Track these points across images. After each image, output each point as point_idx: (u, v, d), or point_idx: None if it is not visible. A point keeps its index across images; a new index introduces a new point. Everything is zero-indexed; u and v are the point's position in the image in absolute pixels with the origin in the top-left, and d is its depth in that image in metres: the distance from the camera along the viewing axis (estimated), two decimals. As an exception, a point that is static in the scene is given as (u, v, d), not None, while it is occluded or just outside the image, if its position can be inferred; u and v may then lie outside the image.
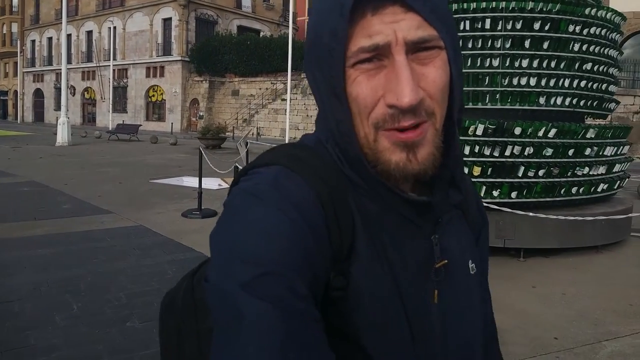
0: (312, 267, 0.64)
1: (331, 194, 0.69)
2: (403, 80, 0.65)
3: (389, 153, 0.69)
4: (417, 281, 0.74)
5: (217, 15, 45.67)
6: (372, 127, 0.69)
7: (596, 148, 6.38)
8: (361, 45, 0.66)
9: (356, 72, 0.67)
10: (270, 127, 36.71)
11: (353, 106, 0.69)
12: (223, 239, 0.67)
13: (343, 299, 0.68)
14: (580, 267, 6.02)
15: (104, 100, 49.67)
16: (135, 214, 8.71)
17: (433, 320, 0.75)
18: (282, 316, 0.59)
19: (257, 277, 0.61)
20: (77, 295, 4.93)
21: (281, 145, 0.78)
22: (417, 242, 0.75)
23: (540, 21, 6.42)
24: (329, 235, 0.67)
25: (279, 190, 0.67)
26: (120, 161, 17.84)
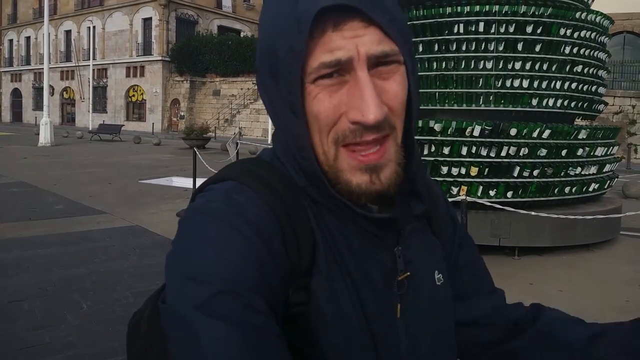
0: (268, 282, 0.63)
1: (287, 208, 0.68)
2: (367, 96, 0.64)
3: (349, 174, 0.68)
4: (380, 295, 0.72)
5: (198, 15, 45.46)
6: (332, 143, 0.67)
7: (588, 148, 6.59)
8: (322, 61, 0.64)
9: (317, 88, 0.66)
10: (252, 127, 36.67)
11: (313, 123, 0.67)
12: (176, 259, 0.66)
13: (304, 315, 0.67)
14: (574, 265, 6.22)
15: (83, 100, 49.07)
16: (129, 214, 8.71)
17: (398, 336, 0.73)
18: (239, 335, 0.58)
19: (211, 296, 0.60)
20: (85, 294, 4.96)
21: (238, 160, 0.77)
22: (380, 255, 0.73)
23: (532, 25, 6.61)
24: (285, 249, 0.66)
25: (231, 206, 0.66)
26: (105, 161, 17.71)
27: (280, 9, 0.67)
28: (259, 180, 0.70)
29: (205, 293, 0.60)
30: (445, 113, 6.77)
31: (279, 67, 0.67)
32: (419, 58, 6.99)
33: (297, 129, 0.68)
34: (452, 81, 6.74)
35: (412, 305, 0.75)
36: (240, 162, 0.76)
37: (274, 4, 0.69)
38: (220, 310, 0.59)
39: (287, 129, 0.70)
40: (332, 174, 0.69)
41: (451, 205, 0.94)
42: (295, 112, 0.67)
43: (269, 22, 0.69)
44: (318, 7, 0.62)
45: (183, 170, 15.15)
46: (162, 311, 0.64)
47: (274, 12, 0.68)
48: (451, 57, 6.74)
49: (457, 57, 6.70)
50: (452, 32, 6.73)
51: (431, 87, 6.87)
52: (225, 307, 0.59)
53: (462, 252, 0.90)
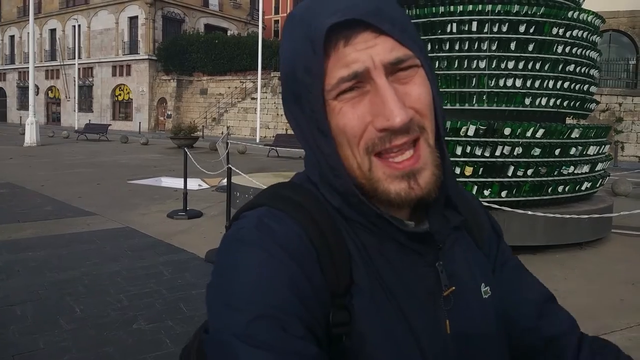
0: (305, 304, 0.63)
1: (321, 229, 0.68)
2: (390, 101, 0.64)
3: (386, 183, 0.68)
4: (426, 311, 0.71)
5: (184, 14, 45.21)
6: (364, 154, 0.68)
7: (580, 147, 6.61)
8: (340, 76, 0.66)
9: (340, 103, 0.67)
10: (240, 126, 36.55)
11: (341, 138, 0.68)
12: (213, 288, 0.67)
13: (348, 335, 0.66)
14: (568, 264, 6.25)
15: (68, 99, 48.62)
16: (120, 215, 8.61)
17: (448, 351, 0.72)
18: (274, 358, 0.58)
19: (248, 323, 0.60)
20: (77, 298, 4.88)
21: (270, 186, 0.77)
22: (422, 271, 0.73)
23: (525, 24, 6.62)
24: (321, 270, 0.66)
25: (262, 231, 0.67)
26: (93, 162, 17.54)
27: (294, 33, 0.69)
28: (290, 203, 0.70)
29: (243, 320, 0.61)
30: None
31: (300, 89, 0.68)
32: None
33: (327, 148, 0.69)
34: (445, 81, 6.73)
35: (461, 320, 0.74)
36: (272, 187, 0.76)
37: (289, 30, 0.71)
38: (258, 336, 0.60)
39: (317, 149, 0.70)
40: (369, 185, 0.69)
41: (492, 216, 0.92)
42: (322, 131, 0.68)
43: (287, 47, 0.71)
44: (327, 25, 0.65)
45: (172, 170, 15.03)
46: (205, 341, 0.66)
47: (290, 37, 0.70)
48: (444, 57, 6.73)
49: (450, 56, 6.70)
50: (445, 31, 6.72)
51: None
52: (263, 333, 0.60)
53: (506, 267, 0.88)
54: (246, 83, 37.12)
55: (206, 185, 11.88)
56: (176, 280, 5.43)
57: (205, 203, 9.71)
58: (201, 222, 8.25)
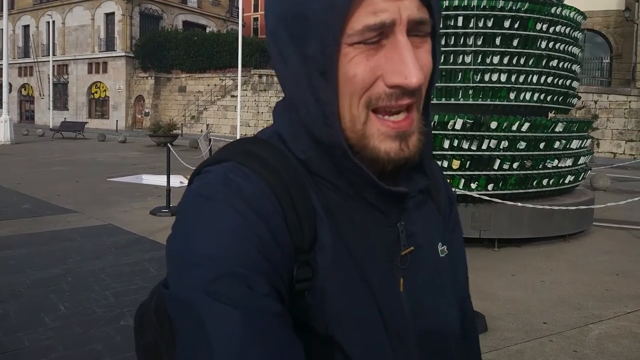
0: (270, 261, 0.62)
1: (287, 185, 0.67)
2: (410, 61, 0.63)
3: (377, 141, 0.67)
4: (384, 270, 0.72)
5: (162, 10, 44.68)
6: (363, 107, 0.66)
7: (564, 141, 6.69)
8: (367, 24, 0.62)
9: (355, 50, 0.64)
10: (220, 124, 36.27)
11: (345, 86, 0.65)
12: (177, 243, 0.64)
13: (310, 291, 0.66)
14: (553, 256, 6.31)
15: (42, 97, 47.70)
16: (101, 212, 8.46)
17: (403, 309, 0.73)
18: (243, 317, 0.58)
19: (213, 279, 0.59)
20: (61, 295, 4.77)
21: (235, 140, 0.75)
22: (383, 230, 0.73)
23: (510, 19, 6.66)
24: (287, 227, 0.65)
25: (229, 187, 0.65)
26: (70, 160, 17.23)
27: None
28: (256, 159, 0.68)
29: (207, 276, 0.59)
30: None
31: (313, 26, 0.63)
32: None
33: (325, 95, 0.66)
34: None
35: (415, 278, 0.75)
36: (237, 142, 0.74)
37: None
38: (223, 293, 0.58)
39: (309, 95, 0.67)
40: (356, 140, 0.68)
41: (449, 184, 0.93)
42: (325, 76, 0.64)
43: None
44: None
45: (152, 167, 14.85)
46: (165, 297, 0.63)
47: None
48: None
49: (435, 51, 6.69)
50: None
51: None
52: (228, 290, 0.59)
53: (454, 235, 0.89)
54: (226, 80, 36.83)
55: (188, 182, 11.75)
56: (163, 277, 5.33)
57: (188, 200, 9.59)
58: (185, 218, 8.14)
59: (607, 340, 4.01)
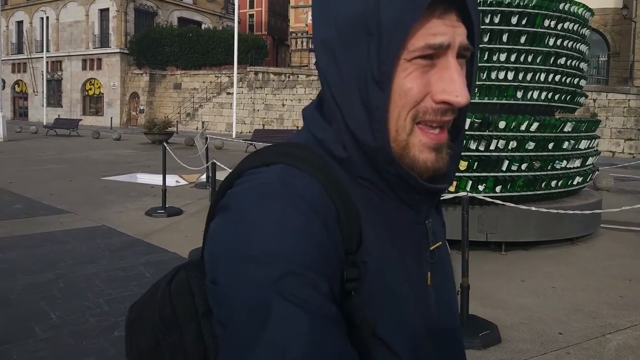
0: (329, 263, 0.63)
1: (337, 187, 0.69)
2: (460, 81, 0.68)
3: (417, 151, 0.71)
4: (417, 265, 0.76)
5: (157, 7, 44.30)
6: (410, 119, 0.70)
7: (573, 141, 6.50)
8: (428, 43, 0.67)
9: (412, 66, 0.68)
10: (215, 121, 35.97)
11: (399, 98, 0.69)
12: (234, 240, 0.63)
13: (357, 290, 0.68)
14: (561, 260, 6.12)
15: (36, 93, 47.27)
16: (95, 213, 8.23)
17: (430, 302, 0.77)
18: (308, 318, 0.57)
19: (279, 277, 0.58)
20: (52, 302, 4.55)
21: (273, 145, 0.76)
22: (415, 227, 0.77)
23: (517, 15, 6.46)
24: (340, 228, 0.67)
25: (289, 188, 0.66)
26: (64, 157, 16.95)
27: None
28: (305, 161, 0.70)
29: (273, 274, 0.58)
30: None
31: (377, 38, 0.67)
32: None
33: (377, 101, 0.69)
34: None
35: (438, 273, 0.80)
36: (277, 146, 0.75)
37: None
38: (289, 291, 0.58)
39: (359, 101, 0.70)
40: (398, 149, 0.71)
41: None
42: (381, 84, 0.68)
43: None
44: None
45: (147, 166, 14.60)
46: (215, 292, 0.62)
47: None
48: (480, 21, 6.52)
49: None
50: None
51: (414, 79, 6.65)
52: (294, 289, 0.58)
53: None
54: (221, 78, 36.51)
55: (184, 182, 11.51)
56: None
57: (185, 200, 9.37)
58: (181, 219, 7.92)
59: (627, 352, 3.83)
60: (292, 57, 49.57)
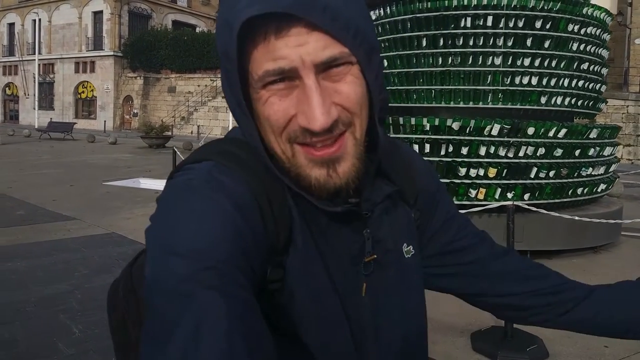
0: (248, 259, 0.63)
1: (266, 188, 0.69)
2: (314, 104, 0.64)
3: (308, 169, 0.69)
4: (349, 275, 0.75)
5: (151, 9, 44.00)
6: (286, 142, 0.68)
7: (598, 148, 6.38)
8: (266, 69, 0.65)
9: (267, 92, 0.67)
10: (210, 125, 35.66)
11: (265, 124, 0.69)
12: (159, 234, 0.64)
13: (279, 291, 0.69)
14: (588, 269, 5.98)
15: (28, 96, 46.71)
16: (102, 220, 8.00)
17: (364, 313, 0.76)
18: (225, 303, 0.57)
19: (197, 271, 0.59)
20: (72, 315, 4.34)
21: (213, 141, 0.78)
22: (349, 237, 0.76)
23: (541, 19, 6.34)
24: (264, 228, 0.67)
25: (213, 184, 0.66)
26: (61, 162, 16.64)
27: (222, 12, 0.69)
28: (237, 160, 0.70)
29: (191, 268, 0.59)
30: (450, 111, 6.42)
31: (223, 70, 0.70)
32: (422, 53, 6.63)
33: (249, 129, 0.71)
34: (459, 78, 6.40)
35: (378, 284, 0.78)
36: (217, 142, 0.76)
37: (220, 6, 0.70)
38: (207, 281, 0.59)
39: (242, 127, 0.73)
40: (292, 170, 0.70)
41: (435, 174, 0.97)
42: (244, 113, 0.69)
43: (218, 22, 0.71)
44: (245, 17, 0.63)
45: (148, 170, 14.36)
46: (145, 285, 0.62)
47: (219, 13, 0.70)
48: (457, 53, 6.39)
49: (464, 52, 6.36)
50: (458, 26, 6.39)
51: (435, 84, 6.50)
52: (212, 279, 0.59)
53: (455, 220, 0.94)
54: (217, 81, 36.24)
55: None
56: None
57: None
58: (193, 226, 7.70)
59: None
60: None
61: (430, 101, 6.54)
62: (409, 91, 6.72)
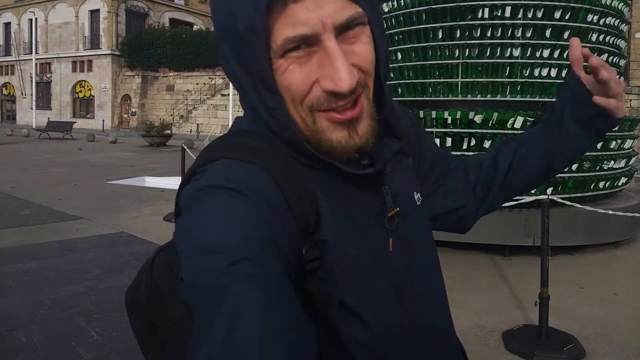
0: (281, 248, 0.63)
1: (285, 172, 0.69)
2: (339, 66, 0.65)
3: (329, 132, 0.70)
4: (376, 233, 0.77)
5: (149, 8, 43.73)
6: (307, 111, 0.69)
7: (620, 141, 6.25)
8: (286, 36, 0.64)
9: (286, 61, 0.66)
10: (209, 123, 35.47)
11: (285, 94, 0.68)
12: (189, 236, 0.64)
13: (319, 269, 0.69)
14: (611, 265, 5.85)
15: (25, 96, 46.43)
16: (110, 219, 7.84)
17: (393, 267, 0.77)
18: (262, 292, 0.58)
19: (230, 265, 0.59)
20: (89, 318, 4.18)
21: (218, 139, 0.76)
22: (370, 196, 0.77)
23: (560, 10, 6.20)
24: (291, 212, 0.67)
25: (233, 182, 0.66)
26: (63, 161, 16.46)
27: None
28: (250, 151, 0.70)
29: (225, 262, 0.59)
30: (467, 104, 6.28)
31: (242, 47, 0.67)
32: (437, 45, 6.48)
33: (273, 103, 0.69)
34: (476, 70, 6.25)
35: (402, 234, 0.79)
36: (222, 139, 0.75)
37: None
38: (242, 272, 0.59)
39: (261, 103, 0.70)
40: (312, 136, 0.71)
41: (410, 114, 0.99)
42: (269, 89, 0.68)
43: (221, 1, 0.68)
44: None
45: (151, 169, 14.19)
46: (182, 288, 0.62)
47: None
48: (475, 44, 6.24)
49: (481, 43, 6.21)
50: (476, 17, 6.24)
51: (452, 76, 6.36)
52: (246, 270, 0.59)
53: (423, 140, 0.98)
54: (215, 79, 36.06)
55: (195, 185, 11.10)
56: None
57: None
58: (203, 225, 7.55)
59: None
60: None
61: (446, 94, 6.40)
62: (424, 84, 6.57)
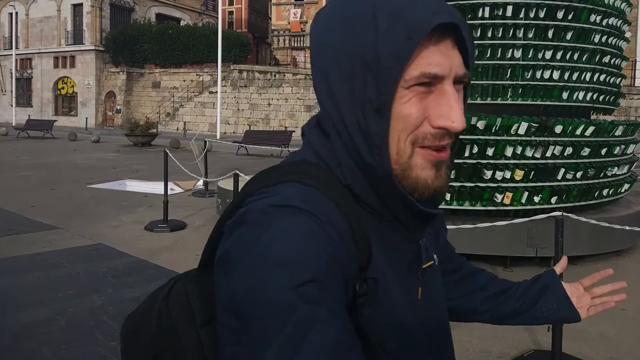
0: (345, 275, 0.65)
1: (348, 205, 0.71)
2: (456, 108, 0.70)
3: (419, 169, 0.72)
4: (408, 281, 0.79)
5: (134, 2, 42.95)
6: (409, 143, 0.71)
7: (623, 146, 5.96)
8: (424, 72, 0.68)
9: (410, 93, 0.70)
10: (197, 121, 34.91)
11: (397, 123, 0.70)
12: (257, 246, 0.63)
13: (365, 305, 0.70)
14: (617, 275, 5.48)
15: (4, 93, 45.47)
16: (87, 228, 7.40)
17: (421, 315, 0.79)
18: (327, 318, 0.59)
19: (304, 282, 0.60)
20: (56, 349, 3.78)
21: (282, 164, 0.79)
22: (407, 246, 0.80)
23: (563, 10, 5.88)
24: (355, 245, 0.68)
25: (309, 204, 0.67)
26: (41, 162, 15.89)
27: (381, 6, 0.69)
28: (318, 180, 0.71)
29: (294, 280, 0.60)
30: (468, 108, 5.93)
31: (375, 70, 0.68)
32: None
33: (376, 128, 0.70)
34: (476, 72, 5.92)
35: (428, 287, 0.83)
36: (290, 165, 0.77)
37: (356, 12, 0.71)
38: (311, 295, 0.60)
39: (357, 128, 0.71)
40: (399, 171, 0.72)
41: None
42: (380, 112, 0.70)
43: (348, 28, 0.71)
44: (436, 22, 0.68)
45: (134, 171, 13.73)
46: (228, 293, 0.63)
47: (361, 20, 0.70)
48: (475, 45, 5.90)
49: (482, 44, 5.88)
50: (476, 16, 5.90)
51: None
52: (315, 293, 0.60)
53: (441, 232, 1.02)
54: (203, 76, 35.46)
55: (179, 189, 10.66)
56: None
57: (185, 211, 8.58)
58: (186, 235, 7.15)
59: None
60: (275, 55, 48.52)
61: (443, 97, 6.07)
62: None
